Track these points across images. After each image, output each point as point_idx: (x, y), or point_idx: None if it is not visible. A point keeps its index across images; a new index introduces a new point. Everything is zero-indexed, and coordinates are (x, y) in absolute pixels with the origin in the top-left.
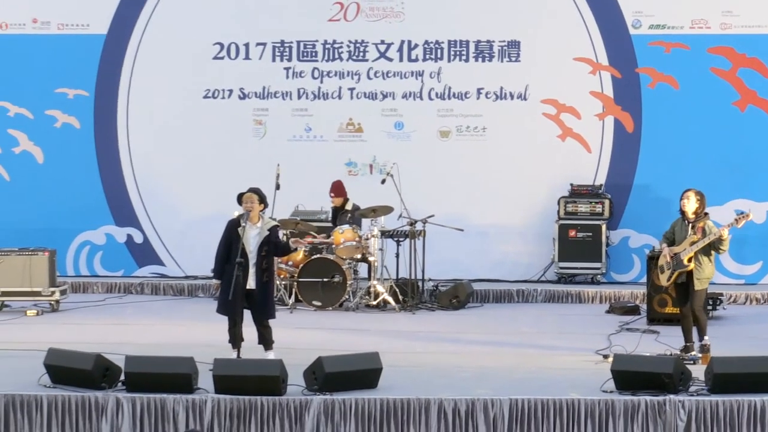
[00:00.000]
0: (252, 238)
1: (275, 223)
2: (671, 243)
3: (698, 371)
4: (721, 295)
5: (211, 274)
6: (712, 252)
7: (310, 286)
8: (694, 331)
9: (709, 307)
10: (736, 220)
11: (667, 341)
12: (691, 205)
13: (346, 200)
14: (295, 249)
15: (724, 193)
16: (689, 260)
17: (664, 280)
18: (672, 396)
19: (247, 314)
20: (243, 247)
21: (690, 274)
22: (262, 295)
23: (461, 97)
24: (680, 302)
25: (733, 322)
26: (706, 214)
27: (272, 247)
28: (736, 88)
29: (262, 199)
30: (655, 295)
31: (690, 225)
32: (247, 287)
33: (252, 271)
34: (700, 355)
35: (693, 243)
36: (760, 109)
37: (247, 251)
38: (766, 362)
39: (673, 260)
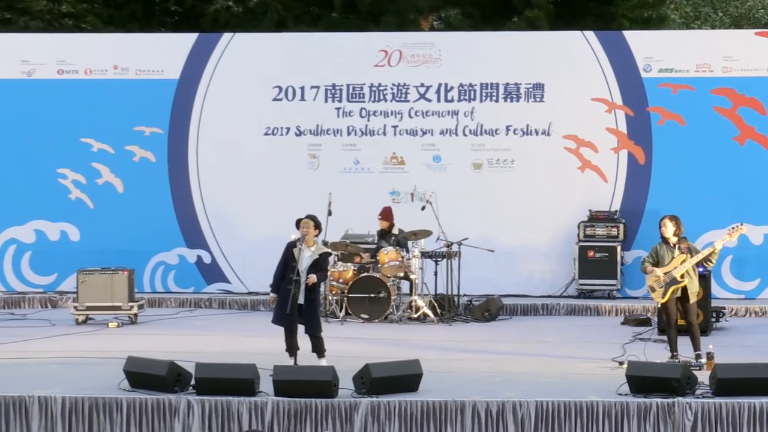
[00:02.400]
0: (305, 259)
1: (327, 250)
2: (655, 266)
3: (703, 376)
4: (724, 308)
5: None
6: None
7: (359, 300)
8: (685, 340)
9: (713, 319)
10: (729, 234)
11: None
12: (669, 230)
13: (392, 225)
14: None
15: (726, 217)
16: (682, 276)
17: (658, 297)
18: (680, 398)
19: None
20: (297, 267)
21: (684, 289)
22: (308, 311)
23: (492, 134)
24: (670, 316)
25: (734, 333)
26: (685, 237)
27: (318, 270)
28: (736, 125)
29: (317, 225)
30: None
31: (675, 246)
32: (298, 302)
33: (302, 288)
34: (705, 361)
35: (683, 261)
36: (757, 143)
37: (300, 270)
38: (765, 368)
39: (666, 278)
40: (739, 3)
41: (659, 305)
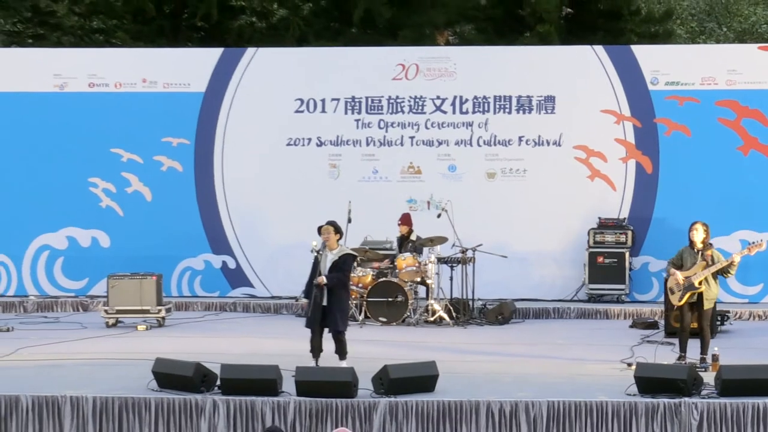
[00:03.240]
0: (328, 263)
1: (349, 251)
2: (678, 268)
3: (709, 377)
4: (728, 312)
5: (296, 295)
6: (718, 276)
7: (377, 304)
8: (695, 343)
9: (718, 323)
10: (749, 248)
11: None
12: (699, 235)
13: (410, 230)
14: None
15: (730, 224)
16: (700, 283)
17: (675, 300)
18: (686, 399)
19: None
20: (320, 271)
21: (700, 294)
22: (329, 310)
23: (505, 144)
24: (684, 319)
25: (738, 335)
26: (710, 243)
27: (335, 270)
28: (740, 136)
29: (338, 230)
30: (671, 312)
31: (699, 253)
32: (323, 304)
33: (326, 290)
34: (710, 363)
35: (704, 268)
36: (761, 153)
37: (322, 274)
38: None
39: (685, 283)
40: (742, 18)
41: (675, 307)
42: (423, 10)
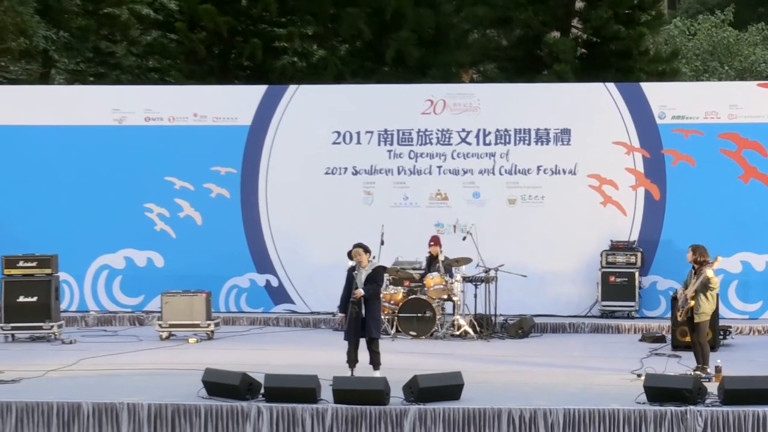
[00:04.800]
0: (363, 278)
1: (378, 264)
2: (686, 287)
3: (712, 387)
4: (730, 327)
5: (333, 311)
6: (709, 292)
7: (408, 319)
8: (713, 355)
9: (720, 337)
10: (711, 264)
11: (687, 363)
12: (689, 257)
13: (439, 249)
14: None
15: (732, 247)
16: (691, 299)
17: (678, 315)
18: (692, 407)
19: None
20: (356, 285)
21: (692, 309)
22: (366, 319)
23: (525, 173)
24: (690, 333)
25: (739, 349)
26: (705, 262)
27: (370, 282)
28: (741, 165)
29: (366, 250)
30: (677, 327)
31: (694, 272)
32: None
33: (362, 301)
34: (714, 374)
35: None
36: (760, 182)
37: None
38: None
39: (681, 300)
40: (743, 58)
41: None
42: (449, 51)
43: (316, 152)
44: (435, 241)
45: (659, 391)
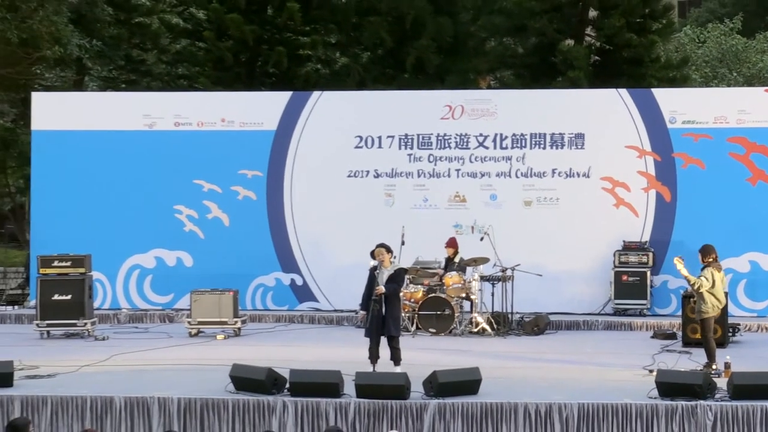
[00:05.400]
0: (385, 277)
1: (399, 266)
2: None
3: (722, 383)
4: (739, 325)
5: (355, 308)
6: (706, 291)
7: (427, 317)
8: (719, 351)
9: (730, 334)
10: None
11: (698, 360)
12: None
13: (456, 252)
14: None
15: (740, 247)
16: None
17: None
18: (702, 401)
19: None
20: (378, 283)
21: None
22: (386, 317)
23: (540, 176)
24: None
25: (748, 346)
26: (708, 264)
27: (391, 282)
28: (749, 168)
29: (388, 249)
30: (688, 324)
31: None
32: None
33: (383, 299)
34: (723, 370)
35: None
36: (767, 184)
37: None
38: None
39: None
40: (751, 65)
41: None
42: (467, 58)
43: (339, 156)
44: (450, 243)
45: (670, 387)
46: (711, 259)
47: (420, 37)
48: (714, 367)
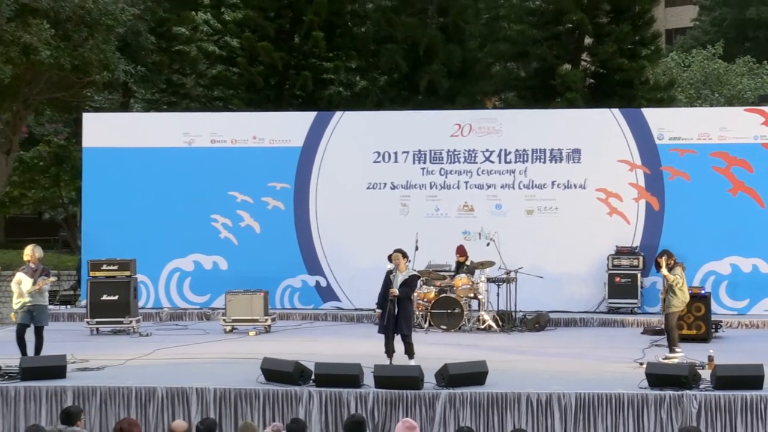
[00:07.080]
0: (399, 280)
1: (415, 273)
2: None
3: (706, 374)
4: (721, 322)
5: (374, 307)
6: (678, 288)
7: (439, 315)
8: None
9: (713, 330)
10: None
11: (683, 353)
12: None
13: (465, 258)
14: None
15: (722, 251)
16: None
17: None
18: (688, 391)
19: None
20: (393, 286)
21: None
22: (398, 317)
23: (541, 187)
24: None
25: (729, 341)
26: (675, 264)
27: (404, 286)
28: (730, 180)
29: (404, 255)
30: None
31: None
32: (395, 314)
33: (396, 301)
34: (707, 362)
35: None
36: (747, 195)
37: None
38: (755, 368)
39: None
40: (731, 86)
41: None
42: (475, 81)
43: (359, 170)
44: (460, 251)
45: (659, 378)
46: (673, 261)
47: (432, 63)
48: (677, 350)
